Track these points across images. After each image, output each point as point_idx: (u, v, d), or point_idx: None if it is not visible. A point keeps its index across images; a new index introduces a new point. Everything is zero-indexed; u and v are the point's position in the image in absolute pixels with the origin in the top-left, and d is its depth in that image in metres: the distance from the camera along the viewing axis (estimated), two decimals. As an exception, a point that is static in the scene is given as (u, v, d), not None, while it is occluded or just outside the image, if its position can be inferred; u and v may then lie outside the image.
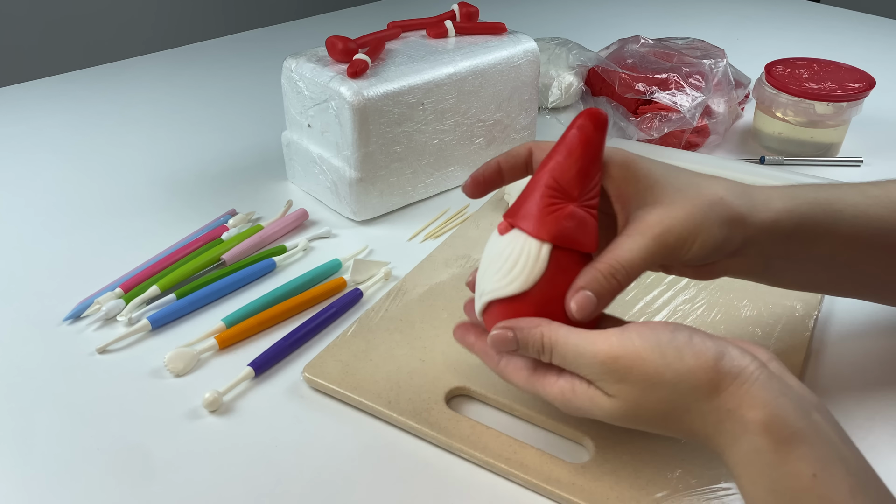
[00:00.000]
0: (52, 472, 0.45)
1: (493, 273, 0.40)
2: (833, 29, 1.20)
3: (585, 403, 0.38)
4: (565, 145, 0.40)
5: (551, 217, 0.39)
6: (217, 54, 1.10)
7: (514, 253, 0.39)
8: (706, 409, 0.36)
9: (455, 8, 0.73)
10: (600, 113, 0.40)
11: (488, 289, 0.40)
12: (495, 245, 0.41)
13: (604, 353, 0.37)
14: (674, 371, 0.36)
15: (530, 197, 0.40)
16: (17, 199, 0.74)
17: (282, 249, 0.64)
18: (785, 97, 0.78)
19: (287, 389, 0.51)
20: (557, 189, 0.40)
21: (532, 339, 0.39)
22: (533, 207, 0.40)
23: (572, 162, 0.40)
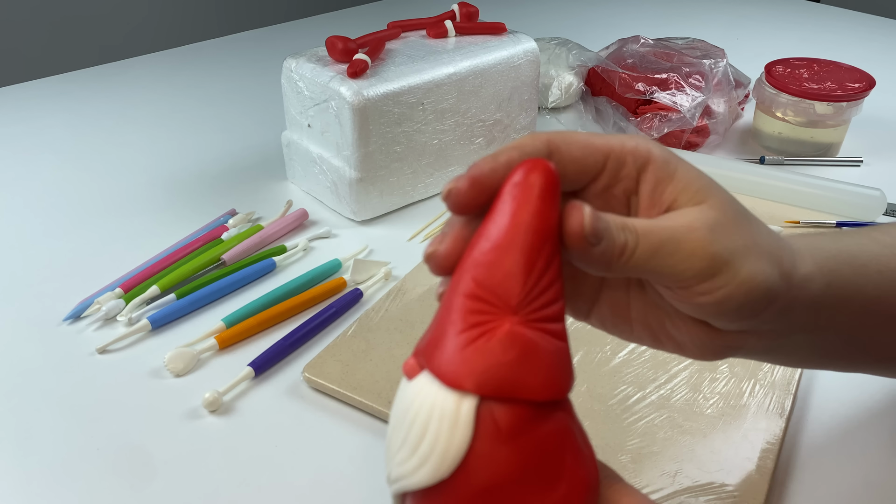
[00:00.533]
0: (52, 472, 0.45)
1: (397, 448, 0.25)
2: (833, 29, 1.20)
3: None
4: (492, 223, 0.25)
5: (472, 349, 0.24)
6: (217, 54, 1.10)
7: (421, 413, 0.24)
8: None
9: (455, 8, 0.73)
10: (545, 168, 0.26)
11: (393, 474, 0.25)
12: (400, 398, 0.26)
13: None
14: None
15: (444, 314, 0.25)
16: (17, 199, 0.74)
17: (282, 249, 0.64)
18: (785, 97, 0.78)
19: (287, 389, 0.51)
20: (482, 298, 0.24)
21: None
22: (447, 332, 0.25)
23: (504, 251, 0.25)
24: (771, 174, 0.71)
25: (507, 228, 0.25)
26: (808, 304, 0.32)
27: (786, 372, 0.50)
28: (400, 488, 0.25)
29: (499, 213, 0.25)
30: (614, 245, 0.27)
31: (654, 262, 0.27)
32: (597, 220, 0.26)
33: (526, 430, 0.24)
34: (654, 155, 0.29)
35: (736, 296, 0.28)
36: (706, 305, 0.29)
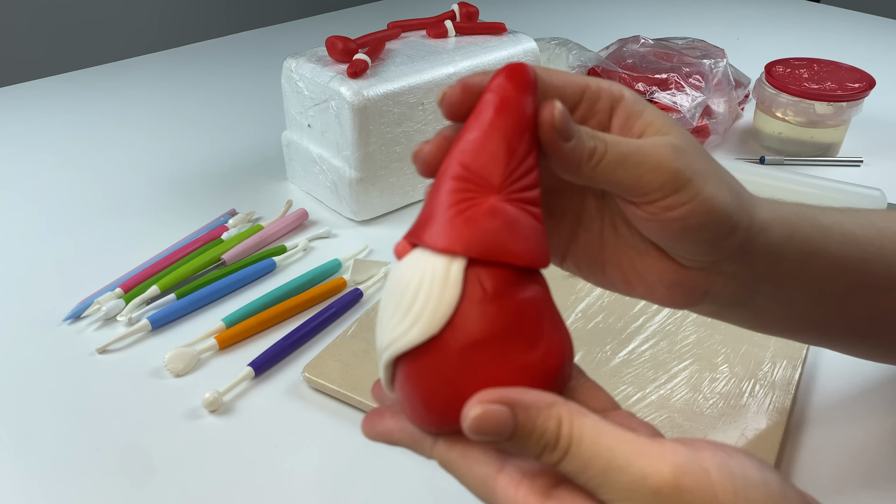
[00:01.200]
0: (52, 472, 0.45)
1: (389, 316, 0.27)
2: (833, 29, 1.20)
3: None
4: (476, 116, 0.28)
5: (461, 219, 0.26)
6: (217, 54, 1.10)
7: (413, 279, 0.26)
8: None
9: (455, 8, 0.73)
10: (523, 67, 0.28)
11: (385, 340, 0.27)
12: (392, 277, 0.28)
13: (661, 478, 0.24)
14: None
15: (433, 197, 0.28)
16: (17, 198, 0.74)
17: (282, 249, 0.64)
18: (785, 97, 0.78)
19: (287, 389, 0.51)
20: (468, 179, 0.27)
21: (541, 427, 0.25)
22: (436, 210, 0.27)
23: (487, 137, 0.27)
24: (771, 174, 0.71)
25: (490, 118, 0.27)
26: (769, 250, 0.33)
27: (786, 372, 0.50)
28: (393, 352, 0.27)
29: (482, 107, 0.28)
30: (584, 147, 0.28)
31: (621, 172, 0.29)
32: (567, 115, 0.28)
33: (508, 292, 0.26)
34: (625, 94, 0.31)
35: (698, 213, 0.30)
36: (670, 222, 0.30)
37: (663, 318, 0.55)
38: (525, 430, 0.25)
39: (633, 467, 0.24)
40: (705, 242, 0.31)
